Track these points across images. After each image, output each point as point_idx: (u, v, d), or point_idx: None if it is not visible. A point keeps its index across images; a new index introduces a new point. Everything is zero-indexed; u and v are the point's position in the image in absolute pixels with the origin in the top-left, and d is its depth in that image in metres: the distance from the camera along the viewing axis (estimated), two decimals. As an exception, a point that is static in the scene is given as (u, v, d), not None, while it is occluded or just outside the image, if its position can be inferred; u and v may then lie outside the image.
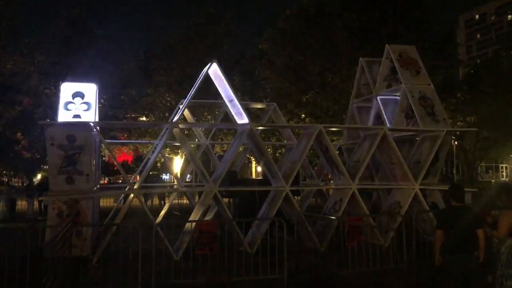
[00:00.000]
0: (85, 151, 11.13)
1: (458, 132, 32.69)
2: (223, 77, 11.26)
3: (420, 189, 12.29)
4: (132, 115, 33.39)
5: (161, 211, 16.43)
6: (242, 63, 34.18)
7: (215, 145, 30.78)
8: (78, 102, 12.32)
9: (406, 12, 29.90)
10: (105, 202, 21.11)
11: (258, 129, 16.66)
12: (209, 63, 11.31)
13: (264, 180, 13.14)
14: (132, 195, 11.41)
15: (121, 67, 31.16)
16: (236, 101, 11.41)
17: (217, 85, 11.90)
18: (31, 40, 29.27)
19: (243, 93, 32.29)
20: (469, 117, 31.39)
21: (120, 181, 48.69)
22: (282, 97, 30.61)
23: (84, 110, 12.24)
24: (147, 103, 33.79)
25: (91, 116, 12.06)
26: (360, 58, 16.32)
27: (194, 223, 9.12)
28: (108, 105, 30.71)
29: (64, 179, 11.14)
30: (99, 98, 29.71)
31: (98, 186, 14.28)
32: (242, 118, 11.35)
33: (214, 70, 11.38)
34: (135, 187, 11.07)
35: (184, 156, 30.68)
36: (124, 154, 41.46)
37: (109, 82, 30.22)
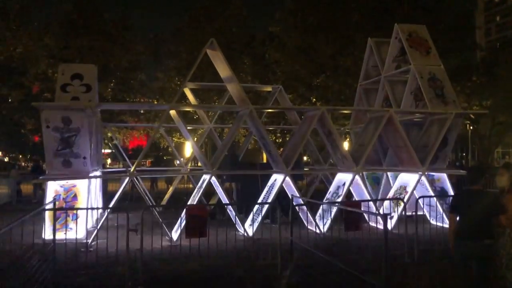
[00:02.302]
0: (81, 133, 10.91)
1: (473, 116, 32.23)
2: (222, 57, 10.88)
3: (427, 173, 11.84)
4: (142, 100, 33.14)
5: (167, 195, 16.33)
6: (252, 46, 33.60)
7: (226, 129, 30.51)
8: (77, 84, 11.97)
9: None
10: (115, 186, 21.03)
11: (264, 112, 16.32)
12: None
13: (267, 164, 12.82)
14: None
15: (130, 50, 30.89)
16: (236, 82, 11.04)
17: (216, 65, 11.55)
18: (39, 23, 29.18)
19: (254, 76, 31.83)
20: (485, 101, 30.54)
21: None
22: (293, 80, 30.10)
23: (83, 92, 11.94)
24: (157, 87, 33.60)
25: (90, 98, 11.76)
26: (369, 38, 15.78)
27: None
28: (117, 89, 30.54)
29: (60, 162, 10.96)
30: (109, 82, 29.80)
31: (100, 169, 14.10)
32: (242, 100, 10.99)
33: (212, 49, 11.02)
34: (131, 170, 10.80)
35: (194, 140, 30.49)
36: (135, 139, 41.33)
37: (118, 65, 30.09)
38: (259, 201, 11.17)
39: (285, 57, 30.52)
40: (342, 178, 11.66)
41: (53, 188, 10.97)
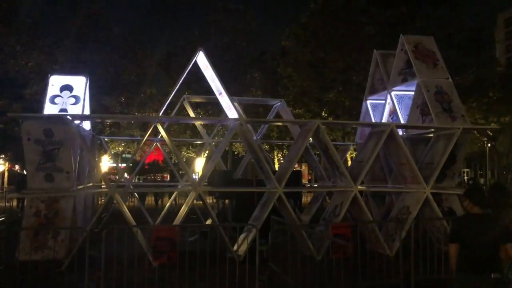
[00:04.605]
0: (64, 146, 10.41)
1: (491, 133, 31.07)
2: (211, 68, 10.35)
3: (433, 193, 10.99)
4: (151, 114, 32.85)
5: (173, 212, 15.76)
6: (263, 60, 33.22)
7: (234, 143, 29.90)
8: (66, 95, 11.68)
9: (434, 7, 28.38)
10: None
11: (265, 126, 15.62)
12: (197, 52, 10.46)
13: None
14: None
15: (141, 65, 30.72)
16: (225, 94, 10.46)
17: (206, 76, 11.01)
18: (51, 37, 29.24)
19: (264, 90, 31.40)
20: (503, 117, 29.40)
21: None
22: (304, 95, 29.52)
23: (72, 104, 11.57)
24: (169, 102, 33.29)
25: (78, 110, 11.34)
26: (375, 50, 15.14)
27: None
28: (125, 103, 30.31)
29: (43, 176, 10.44)
30: (117, 95, 29.57)
31: (90, 184, 13.55)
32: (232, 113, 10.40)
33: (202, 60, 10.50)
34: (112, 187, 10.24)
35: (205, 155, 29.97)
36: (151, 154, 41.08)
37: (128, 79, 29.93)
38: (251, 220, 10.47)
39: (296, 72, 30.00)
40: (339, 196, 10.89)
41: (34, 204, 10.43)
